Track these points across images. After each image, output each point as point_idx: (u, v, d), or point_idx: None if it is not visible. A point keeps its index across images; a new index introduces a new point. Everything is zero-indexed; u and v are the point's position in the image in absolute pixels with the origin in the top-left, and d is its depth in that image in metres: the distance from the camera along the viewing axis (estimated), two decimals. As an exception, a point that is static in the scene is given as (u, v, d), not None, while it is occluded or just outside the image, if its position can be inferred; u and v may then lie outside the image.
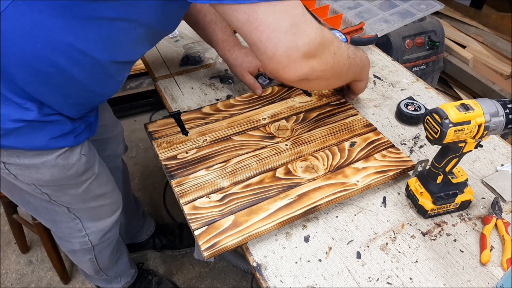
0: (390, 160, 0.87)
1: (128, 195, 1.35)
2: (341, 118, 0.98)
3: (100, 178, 0.95)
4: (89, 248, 1.08)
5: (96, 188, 0.95)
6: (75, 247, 1.07)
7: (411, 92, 1.12)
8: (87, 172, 0.90)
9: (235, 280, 1.57)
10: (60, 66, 0.67)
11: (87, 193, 0.93)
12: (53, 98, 0.72)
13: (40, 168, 0.79)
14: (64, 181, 0.86)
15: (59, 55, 0.66)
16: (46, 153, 0.78)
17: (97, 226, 1.04)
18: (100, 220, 1.04)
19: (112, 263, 1.22)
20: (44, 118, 0.73)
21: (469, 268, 0.73)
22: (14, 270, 1.59)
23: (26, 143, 0.74)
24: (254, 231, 0.74)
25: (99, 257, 1.13)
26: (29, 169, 0.79)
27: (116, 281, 1.31)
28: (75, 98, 0.76)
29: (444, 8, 1.41)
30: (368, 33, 1.23)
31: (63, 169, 0.82)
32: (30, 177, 0.81)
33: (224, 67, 1.18)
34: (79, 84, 0.72)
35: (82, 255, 1.11)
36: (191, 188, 0.81)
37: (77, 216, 0.98)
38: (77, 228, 1.01)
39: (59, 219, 0.99)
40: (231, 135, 0.93)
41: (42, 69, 0.66)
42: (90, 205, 0.97)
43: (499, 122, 0.69)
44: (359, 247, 0.76)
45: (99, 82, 0.76)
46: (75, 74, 0.69)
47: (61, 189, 0.89)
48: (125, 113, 2.25)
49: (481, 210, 0.83)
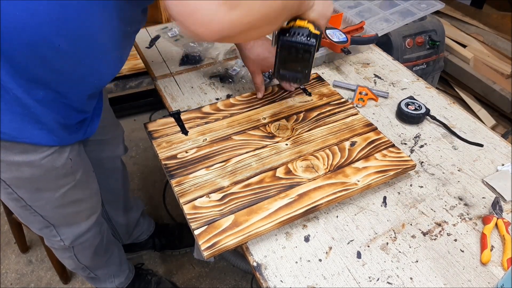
0: (390, 160, 0.87)
1: (127, 196, 1.35)
2: (341, 118, 0.97)
3: (79, 185, 0.94)
4: (67, 248, 1.08)
5: (73, 194, 0.93)
6: (54, 246, 1.08)
7: (411, 92, 1.12)
8: (68, 177, 0.89)
9: (235, 280, 1.56)
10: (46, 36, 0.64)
11: (63, 198, 0.91)
12: (48, 75, 0.69)
13: (21, 166, 0.78)
14: (42, 182, 0.85)
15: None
16: (33, 151, 0.77)
17: (72, 232, 1.03)
18: (75, 224, 1.02)
19: (100, 263, 1.21)
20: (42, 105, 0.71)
21: (469, 268, 0.73)
22: (14, 270, 1.59)
23: (20, 132, 0.72)
24: (254, 231, 0.73)
25: (80, 256, 1.13)
26: (10, 166, 0.77)
27: (110, 281, 1.30)
28: (70, 75, 0.72)
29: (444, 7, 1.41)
30: (369, 32, 1.23)
31: (45, 170, 0.81)
32: (10, 175, 0.80)
33: (224, 67, 1.18)
34: (67, 56, 0.69)
35: (61, 253, 1.12)
36: (191, 188, 0.81)
37: (51, 223, 0.97)
38: (52, 234, 1.00)
39: (34, 224, 0.98)
40: (231, 135, 0.92)
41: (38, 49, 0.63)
42: (65, 211, 0.96)
43: None
44: (359, 247, 0.76)
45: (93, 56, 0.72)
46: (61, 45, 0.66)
47: (37, 191, 0.87)
48: (125, 112, 2.25)
49: (481, 210, 0.83)
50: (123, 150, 1.25)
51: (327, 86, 1.07)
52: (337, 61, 1.24)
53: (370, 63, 1.23)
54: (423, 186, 0.87)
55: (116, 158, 1.23)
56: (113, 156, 1.20)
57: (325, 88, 1.06)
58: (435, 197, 0.85)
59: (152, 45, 1.28)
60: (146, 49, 1.27)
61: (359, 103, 1.06)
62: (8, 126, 0.71)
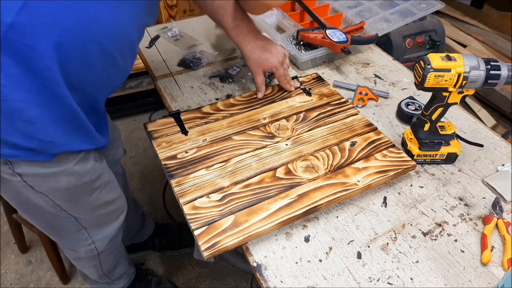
0: (390, 160, 0.87)
1: (127, 198, 1.34)
2: (341, 118, 0.97)
3: (109, 185, 0.95)
4: (94, 255, 1.07)
5: (105, 194, 0.94)
6: (81, 256, 1.07)
7: (411, 92, 1.11)
8: (99, 179, 0.90)
9: (235, 281, 1.56)
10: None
11: (97, 200, 0.92)
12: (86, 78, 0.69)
13: (58, 176, 0.79)
14: (78, 189, 0.86)
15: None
16: (65, 160, 0.78)
17: (103, 233, 1.03)
18: (106, 226, 1.03)
19: (114, 266, 1.22)
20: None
21: (470, 268, 0.73)
22: (14, 270, 1.59)
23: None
24: (254, 231, 0.73)
25: (104, 262, 1.13)
26: (47, 178, 0.78)
27: (115, 283, 1.31)
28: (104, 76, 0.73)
29: (444, 7, 1.41)
30: (369, 32, 1.23)
31: (79, 176, 0.82)
32: (48, 187, 0.80)
33: (224, 67, 1.18)
34: (108, 57, 0.69)
35: (87, 262, 1.11)
36: (190, 188, 0.81)
37: (83, 226, 0.97)
38: (83, 237, 1.00)
39: (65, 230, 0.97)
40: (231, 135, 0.92)
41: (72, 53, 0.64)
42: (98, 212, 0.97)
43: (478, 75, 0.78)
44: (359, 247, 0.76)
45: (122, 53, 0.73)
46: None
47: (74, 198, 0.87)
48: (124, 112, 2.25)
49: (482, 210, 0.83)
50: (123, 152, 1.25)
51: (327, 86, 1.07)
52: (337, 61, 1.24)
53: (370, 63, 1.23)
54: (423, 187, 0.87)
55: (117, 162, 1.23)
56: (114, 160, 1.20)
57: (325, 88, 1.06)
58: (436, 198, 0.85)
59: (152, 45, 1.28)
60: (146, 49, 1.27)
61: (359, 103, 1.06)
62: (57, 135, 0.71)
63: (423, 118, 0.87)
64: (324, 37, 1.14)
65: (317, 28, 1.20)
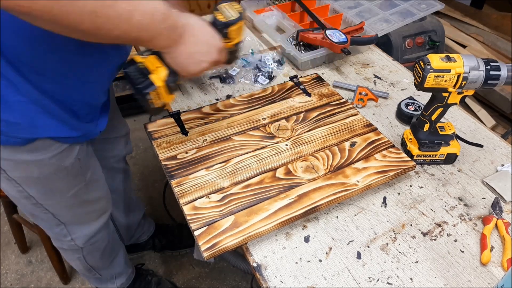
0: (390, 160, 0.87)
1: (129, 196, 1.35)
2: (341, 118, 0.97)
3: (92, 184, 0.94)
4: (77, 249, 1.08)
5: (84, 194, 0.93)
6: (63, 246, 1.07)
7: (411, 92, 1.12)
8: (77, 178, 0.89)
9: (235, 281, 1.56)
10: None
11: (74, 198, 0.91)
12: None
13: (30, 165, 0.78)
14: (51, 182, 0.85)
15: None
16: (42, 149, 0.77)
17: (83, 231, 1.03)
18: (86, 224, 1.03)
19: (106, 264, 1.21)
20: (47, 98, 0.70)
21: (469, 268, 0.73)
22: (14, 270, 1.59)
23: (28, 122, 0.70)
24: (254, 232, 0.73)
25: (88, 257, 1.13)
26: (19, 164, 0.77)
27: (112, 282, 1.30)
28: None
29: (444, 7, 1.41)
30: (369, 32, 1.23)
31: (54, 169, 0.82)
32: (19, 174, 0.80)
33: (224, 67, 1.18)
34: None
35: (71, 254, 1.12)
36: (191, 188, 0.81)
37: (62, 221, 0.97)
38: (63, 233, 1.00)
39: (45, 222, 0.98)
40: (231, 135, 0.92)
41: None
42: (76, 210, 0.96)
43: (478, 76, 0.78)
44: (359, 247, 0.76)
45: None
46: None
47: (48, 191, 0.87)
48: (125, 112, 2.22)
49: (481, 210, 0.83)
50: (129, 149, 1.25)
51: (327, 86, 1.07)
52: (337, 61, 1.24)
53: (370, 63, 1.23)
54: (423, 187, 0.87)
55: (122, 158, 1.23)
56: (119, 155, 1.20)
57: (325, 88, 1.06)
58: (435, 198, 0.85)
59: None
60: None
61: (359, 104, 1.06)
62: (23, 116, 0.69)
63: (422, 118, 0.87)
64: (324, 37, 1.14)
65: (317, 28, 1.21)
